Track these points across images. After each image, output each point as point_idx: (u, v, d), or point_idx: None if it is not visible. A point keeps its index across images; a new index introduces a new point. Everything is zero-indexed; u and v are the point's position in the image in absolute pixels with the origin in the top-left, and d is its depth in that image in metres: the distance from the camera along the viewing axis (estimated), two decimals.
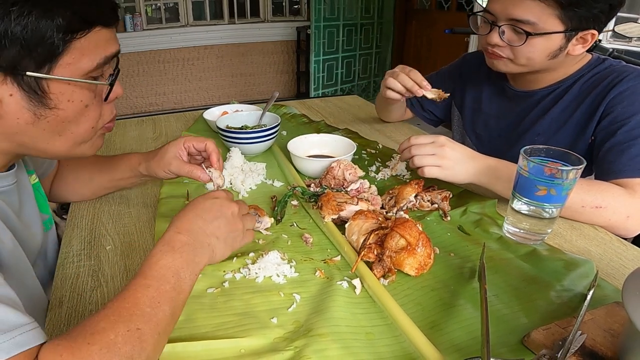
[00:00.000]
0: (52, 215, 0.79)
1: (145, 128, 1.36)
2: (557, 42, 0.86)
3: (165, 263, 0.51)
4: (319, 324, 0.55)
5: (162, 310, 0.47)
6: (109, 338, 0.42)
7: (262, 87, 5.18)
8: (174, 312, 0.49)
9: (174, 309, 0.49)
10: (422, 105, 1.29)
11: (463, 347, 0.53)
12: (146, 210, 0.86)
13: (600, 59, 0.94)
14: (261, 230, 0.77)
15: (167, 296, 0.48)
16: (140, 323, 0.45)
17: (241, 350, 0.52)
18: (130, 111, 4.66)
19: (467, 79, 1.17)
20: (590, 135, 0.91)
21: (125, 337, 0.43)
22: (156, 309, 0.47)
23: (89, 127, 0.58)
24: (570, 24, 0.84)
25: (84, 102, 0.55)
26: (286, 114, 1.44)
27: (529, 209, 0.71)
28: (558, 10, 0.82)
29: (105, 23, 0.54)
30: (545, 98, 0.98)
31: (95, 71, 0.55)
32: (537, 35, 0.85)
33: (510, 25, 0.87)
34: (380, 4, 4.68)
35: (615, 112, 0.86)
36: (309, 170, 0.98)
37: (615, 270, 0.68)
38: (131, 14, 4.33)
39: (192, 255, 0.54)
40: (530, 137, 1.00)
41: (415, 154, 0.82)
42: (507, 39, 0.89)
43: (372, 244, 0.66)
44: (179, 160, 0.77)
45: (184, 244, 0.54)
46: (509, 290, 0.63)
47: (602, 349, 0.49)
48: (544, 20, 0.83)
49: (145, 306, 0.46)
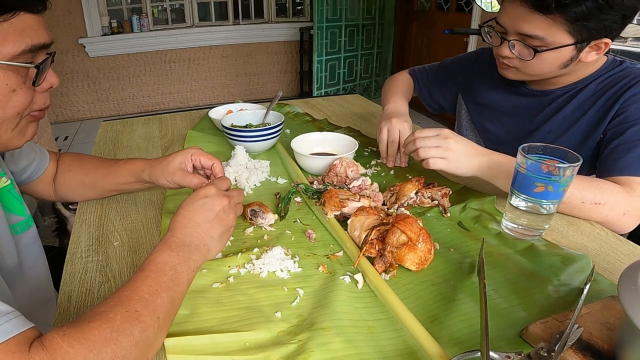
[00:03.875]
0: (29, 216, 0.76)
1: (152, 126, 1.38)
2: (568, 54, 0.85)
3: (162, 258, 0.53)
4: (322, 318, 0.56)
5: (160, 297, 0.49)
6: (108, 317, 0.44)
7: (266, 87, 5.18)
8: (172, 300, 0.51)
9: (173, 297, 0.51)
10: (431, 95, 1.28)
11: (463, 341, 0.54)
12: (153, 207, 0.87)
13: (617, 61, 0.93)
14: (265, 227, 0.78)
15: (165, 285, 0.50)
16: (139, 306, 0.46)
17: (246, 343, 0.53)
18: (137, 110, 4.69)
19: (480, 73, 1.15)
20: (600, 134, 0.90)
21: (123, 316, 0.45)
22: (154, 295, 0.49)
23: (15, 113, 0.56)
24: (580, 36, 0.81)
25: (10, 86, 0.53)
26: (290, 113, 1.45)
27: (527, 205, 0.72)
28: (567, 25, 0.80)
29: (29, 9, 0.53)
30: (559, 97, 0.97)
31: (21, 57, 0.53)
32: (546, 50, 0.84)
33: (520, 41, 0.86)
34: (381, 5, 4.68)
35: (628, 112, 0.85)
36: (312, 168, 0.99)
37: (611, 265, 0.69)
38: (138, 15, 4.35)
39: (187, 254, 0.55)
40: (542, 134, 0.99)
41: (420, 146, 0.82)
42: (517, 52, 0.88)
43: (374, 240, 0.67)
44: (183, 171, 0.76)
45: (179, 245, 0.56)
46: (507, 285, 0.63)
47: (599, 341, 0.49)
48: (553, 34, 0.81)
49: (143, 293, 0.48)
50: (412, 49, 4.90)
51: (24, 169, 0.81)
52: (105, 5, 4.24)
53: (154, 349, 0.48)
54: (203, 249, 0.58)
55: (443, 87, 1.26)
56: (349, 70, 4.73)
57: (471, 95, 1.18)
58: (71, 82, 4.36)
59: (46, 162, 0.85)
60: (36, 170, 0.84)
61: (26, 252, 0.75)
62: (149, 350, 0.47)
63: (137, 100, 4.68)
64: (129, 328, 0.44)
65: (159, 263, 0.52)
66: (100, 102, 4.55)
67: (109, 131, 1.34)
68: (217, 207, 0.61)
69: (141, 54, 4.49)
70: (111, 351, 0.42)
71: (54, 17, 4.02)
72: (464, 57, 1.24)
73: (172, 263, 0.53)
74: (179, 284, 0.52)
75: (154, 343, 0.48)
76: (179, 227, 0.58)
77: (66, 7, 4.04)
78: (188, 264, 0.55)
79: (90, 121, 4.45)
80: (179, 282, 0.52)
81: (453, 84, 1.23)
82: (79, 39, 4.17)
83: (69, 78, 4.33)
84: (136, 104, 4.68)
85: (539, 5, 0.80)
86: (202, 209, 0.60)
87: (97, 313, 0.45)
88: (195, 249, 0.57)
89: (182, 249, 0.56)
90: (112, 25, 4.30)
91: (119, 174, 0.83)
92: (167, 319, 0.50)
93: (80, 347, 0.41)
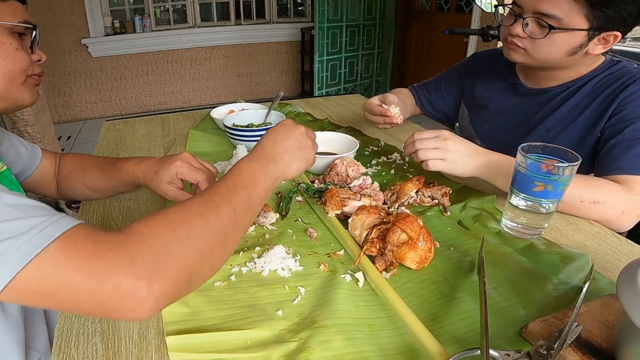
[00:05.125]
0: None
1: (154, 126, 1.38)
2: (579, 40, 0.85)
3: (242, 165, 0.58)
4: (323, 316, 0.56)
5: (237, 193, 0.52)
6: (185, 204, 0.48)
7: (267, 87, 5.19)
8: (249, 198, 0.54)
9: (250, 195, 0.54)
10: (433, 106, 1.29)
11: (463, 339, 0.54)
12: (155, 207, 0.87)
13: (614, 60, 0.94)
14: (266, 225, 0.78)
15: (242, 185, 0.54)
16: (216, 197, 0.50)
17: (247, 341, 0.53)
18: (139, 110, 4.70)
19: (477, 76, 1.17)
20: (598, 133, 0.90)
21: (200, 203, 0.48)
22: (231, 190, 0.52)
23: (22, 69, 0.67)
24: (596, 22, 0.82)
25: (14, 45, 0.65)
26: (291, 113, 1.46)
27: (527, 204, 0.72)
28: (586, 9, 0.81)
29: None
30: (557, 96, 0.97)
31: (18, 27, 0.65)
32: (560, 30, 0.84)
33: (535, 18, 0.86)
34: (382, 6, 4.68)
35: (625, 111, 0.85)
36: (313, 167, 0.99)
37: (610, 263, 0.69)
38: (140, 16, 4.37)
39: (266, 163, 0.60)
40: (539, 132, 1.00)
41: (419, 148, 0.83)
42: (529, 31, 0.88)
43: (375, 239, 0.67)
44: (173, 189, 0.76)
45: (259, 156, 0.61)
46: (507, 283, 0.63)
47: (597, 339, 0.49)
48: (571, 16, 0.82)
49: (222, 189, 0.52)
50: (412, 49, 4.92)
51: (12, 162, 0.81)
52: (107, 6, 4.25)
53: (231, 240, 0.50)
54: (281, 162, 0.62)
55: (445, 94, 1.27)
56: (349, 70, 4.73)
57: (470, 98, 1.19)
58: (74, 82, 4.37)
59: (38, 158, 0.86)
60: (28, 165, 0.84)
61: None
62: (225, 240, 0.49)
63: (139, 100, 4.69)
64: (205, 213, 0.47)
65: (238, 168, 0.57)
66: (102, 102, 4.56)
67: (112, 131, 1.34)
68: (294, 131, 0.67)
69: (143, 54, 4.50)
70: (186, 231, 0.44)
71: (56, 17, 4.04)
72: (459, 65, 1.26)
73: (251, 168, 0.58)
74: (256, 185, 0.56)
75: (231, 234, 0.50)
76: (261, 144, 0.64)
77: (69, 7, 4.05)
78: (266, 171, 0.59)
79: (93, 121, 4.46)
80: (256, 184, 0.56)
81: (454, 88, 1.25)
82: (81, 39, 4.18)
83: (72, 78, 4.34)
84: (138, 103, 4.70)
85: None
86: (281, 132, 0.66)
87: (179, 203, 0.48)
88: (273, 161, 0.61)
89: (261, 159, 0.60)
90: (115, 26, 4.31)
91: (117, 178, 0.82)
92: (243, 214, 0.52)
93: (155, 226, 0.43)
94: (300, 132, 0.67)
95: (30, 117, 2.63)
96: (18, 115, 2.58)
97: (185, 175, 0.75)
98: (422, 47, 4.75)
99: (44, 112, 2.89)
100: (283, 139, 0.65)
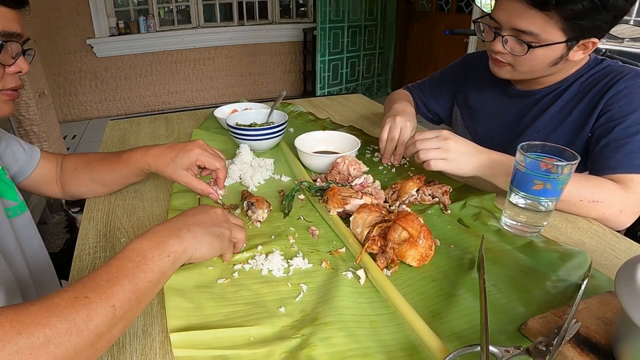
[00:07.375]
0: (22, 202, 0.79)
1: (158, 125, 1.39)
2: (559, 52, 0.86)
3: (133, 246, 0.50)
4: (325, 312, 0.56)
5: (119, 285, 0.45)
6: (52, 301, 0.41)
7: (270, 86, 5.20)
8: (135, 288, 0.47)
9: (136, 285, 0.47)
10: (428, 107, 1.30)
11: (463, 335, 0.54)
12: (159, 205, 0.88)
13: (598, 59, 0.94)
14: (253, 221, 0.79)
15: (127, 273, 0.47)
16: (90, 292, 0.43)
17: (250, 338, 0.54)
18: (143, 109, 4.73)
19: (470, 78, 1.17)
20: (587, 133, 0.91)
21: (69, 302, 0.41)
22: (112, 282, 0.45)
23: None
24: (572, 34, 0.83)
25: None
26: (293, 112, 1.46)
27: (526, 202, 0.72)
28: (561, 22, 0.81)
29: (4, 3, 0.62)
30: (545, 97, 0.99)
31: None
32: (539, 46, 0.85)
33: (513, 35, 0.87)
34: (383, 6, 4.70)
35: (613, 110, 0.86)
36: (315, 166, 1.00)
37: (608, 261, 0.69)
38: (145, 16, 4.39)
39: (163, 238, 0.52)
40: (531, 133, 1.00)
41: (420, 148, 0.83)
42: (509, 48, 0.89)
43: (376, 236, 0.67)
44: (190, 175, 0.76)
45: (157, 231, 0.53)
46: (506, 281, 0.64)
47: (596, 336, 0.50)
48: (547, 31, 0.83)
49: (101, 280, 0.45)
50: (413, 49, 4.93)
51: (9, 163, 0.82)
52: (112, 7, 4.28)
53: (105, 339, 0.44)
54: (188, 234, 0.55)
55: (438, 97, 1.27)
56: (351, 70, 4.75)
57: (463, 100, 1.19)
58: (79, 82, 4.40)
59: (36, 160, 0.86)
60: (25, 167, 0.85)
61: (21, 233, 0.78)
62: (97, 340, 0.42)
63: (143, 99, 4.71)
64: (72, 314, 0.40)
65: (126, 250, 0.50)
66: (107, 101, 4.59)
67: (116, 130, 1.35)
68: (210, 210, 0.62)
69: (148, 54, 4.52)
70: (44, 336, 0.38)
71: (62, 18, 4.06)
72: (452, 66, 1.26)
73: (142, 249, 0.50)
74: (145, 270, 0.48)
75: (106, 333, 0.43)
76: (170, 219, 0.58)
77: (74, 8, 4.08)
78: (161, 248, 0.51)
79: (97, 120, 4.49)
80: (146, 269, 0.48)
81: (447, 91, 1.25)
82: (87, 39, 4.21)
83: (77, 78, 4.37)
84: (143, 103, 4.72)
85: (537, 2, 0.81)
86: (194, 209, 0.61)
87: (45, 298, 0.41)
88: (174, 234, 0.54)
89: (158, 234, 0.52)
90: (120, 26, 4.34)
91: (125, 168, 0.84)
92: (127, 309, 0.45)
93: (10, 329, 0.37)
94: (215, 211, 0.62)
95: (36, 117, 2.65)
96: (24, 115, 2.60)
97: (206, 162, 0.75)
98: (423, 47, 4.76)
99: (49, 112, 2.91)
100: (195, 214, 0.59)
